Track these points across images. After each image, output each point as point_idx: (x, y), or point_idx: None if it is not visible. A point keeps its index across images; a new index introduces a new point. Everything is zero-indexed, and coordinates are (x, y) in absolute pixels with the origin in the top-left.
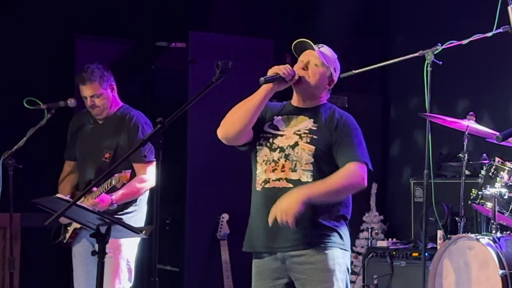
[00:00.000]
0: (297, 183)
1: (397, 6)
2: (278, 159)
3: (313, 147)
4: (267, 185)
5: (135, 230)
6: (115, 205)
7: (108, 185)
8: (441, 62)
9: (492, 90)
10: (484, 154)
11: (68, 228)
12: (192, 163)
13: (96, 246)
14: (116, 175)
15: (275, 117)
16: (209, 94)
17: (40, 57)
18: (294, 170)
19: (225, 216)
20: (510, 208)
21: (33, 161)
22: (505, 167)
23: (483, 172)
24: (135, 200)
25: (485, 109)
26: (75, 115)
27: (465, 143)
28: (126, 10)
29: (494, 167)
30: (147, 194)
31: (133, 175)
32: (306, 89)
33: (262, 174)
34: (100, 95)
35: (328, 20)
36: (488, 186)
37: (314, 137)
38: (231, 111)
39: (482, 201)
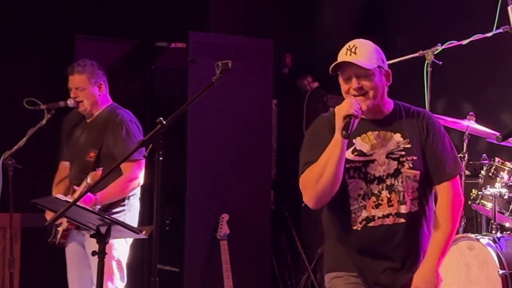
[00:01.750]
0: (408, 216)
1: (397, 6)
2: (379, 192)
3: (418, 172)
4: (371, 224)
5: (135, 231)
6: (98, 205)
7: (86, 184)
8: (441, 62)
9: (492, 90)
10: (484, 154)
11: (58, 229)
12: (192, 163)
13: (86, 246)
14: (91, 173)
15: (353, 140)
16: (209, 94)
17: (40, 57)
18: (403, 203)
19: (225, 216)
20: (510, 208)
21: (33, 161)
22: (505, 167)
23: (483, 172)
24: (122, 200)
25: (485, 109)
26: (68, 114)
27: (465, 143)
28: (126, 10)
29: (494, 167)
30: (138, 193)
31: (119, 174)
32: (373, 106)
33: (362, 211)
34: (83, 89)
35: (328, 20)
36: (488, 186)
37: (414, 158)
38: (313, 177)
39: (482, 201)
